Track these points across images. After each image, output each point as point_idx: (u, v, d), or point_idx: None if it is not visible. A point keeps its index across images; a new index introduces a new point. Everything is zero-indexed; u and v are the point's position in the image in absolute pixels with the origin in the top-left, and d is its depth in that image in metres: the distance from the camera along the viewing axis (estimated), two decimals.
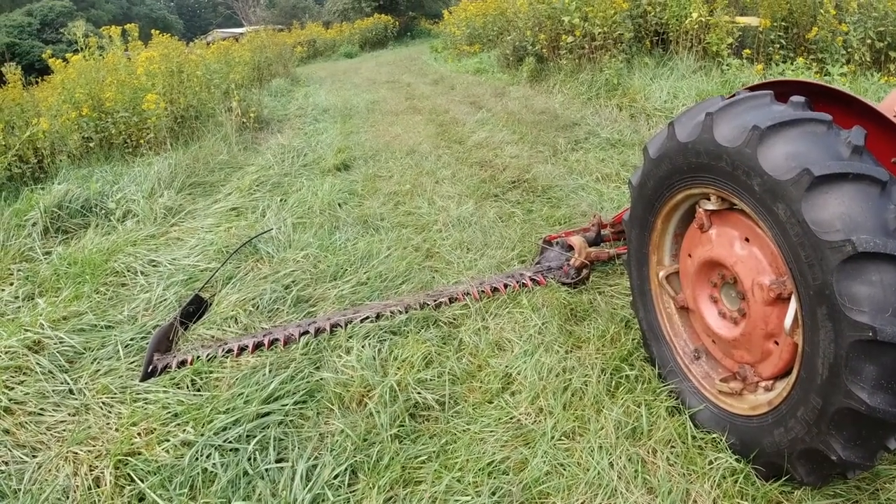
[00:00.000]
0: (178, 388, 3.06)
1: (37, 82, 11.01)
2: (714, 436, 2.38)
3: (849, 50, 7.71)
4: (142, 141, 7.52)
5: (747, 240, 2.17)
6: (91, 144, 7.45)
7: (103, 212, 5.63)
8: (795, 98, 2.03)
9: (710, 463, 2.29)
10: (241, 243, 4.60)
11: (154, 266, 4.52)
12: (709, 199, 2.28)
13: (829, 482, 2.11)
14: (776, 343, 2.13)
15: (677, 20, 8.81)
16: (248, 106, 9.50)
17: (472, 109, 9.62)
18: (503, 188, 5.69)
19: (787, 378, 2.06)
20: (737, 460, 2.26)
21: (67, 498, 2.50)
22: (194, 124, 8.35)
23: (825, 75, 7.38)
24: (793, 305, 1.97)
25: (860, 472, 2.00)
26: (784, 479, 2.13)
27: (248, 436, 2.65)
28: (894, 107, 2.51)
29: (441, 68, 16.31)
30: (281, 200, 5.88)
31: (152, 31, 10.74)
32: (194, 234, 5.15)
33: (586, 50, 9.58)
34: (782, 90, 2.22)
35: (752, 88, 2.38)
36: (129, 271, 4.45)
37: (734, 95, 2.24)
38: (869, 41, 7.67)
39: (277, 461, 2.53)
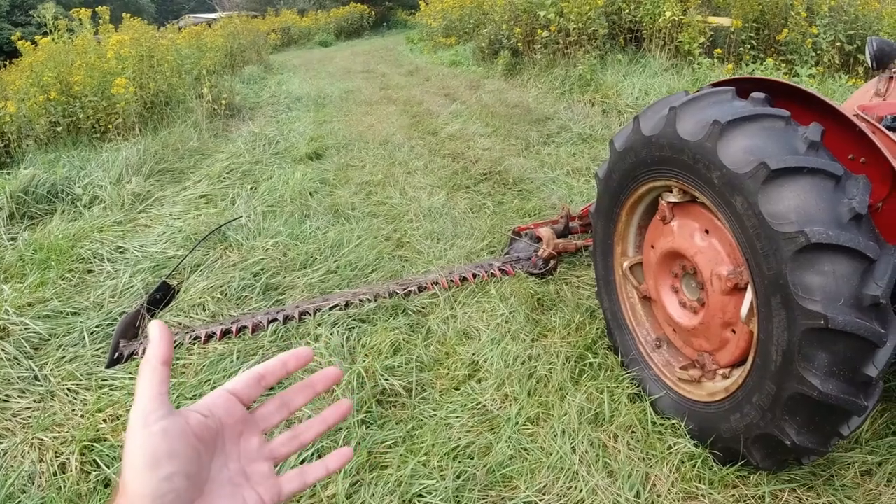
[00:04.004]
0: None
1: (5, 65, 10.76)
2: (673, 422, 2.44)
3: (818, 52, 7.87)
4: (110, 126, 7.40)
5: (707, 231, 2.23)
6: (58, 129, 7.31)
7: (70, 197, 5.55)
8: (756, 94, 2.08)
9: (670, 448, 2.35)
10: (210, 231, 4.57)
11: (121, 253, 4.47)
12: (671, 192, 2.34)
13: (785, 467, 2.17)
14: (733, 331, 2.19)
15: (651, 18, 8.91)
16: (220, 93, 9.38)
17: (447, 101, 9.62)
18: (475, 180, 5.72)
19: (744, 366, 2.13)
20: (695, 445, 2.33)
21: (33, 484, 2.48)
22: (164, 110, 8.23)
23: (794, 76, 7.52)
24: (749, 295, 2.03)
25: (815, 457, 2.06)
26: (741, 463, 2.19)
27: None
28: (855, 106, 2.58)
29: (417, 59, 16.27)
30: (251, 188, 5.85)
31: (123, 14, 10.56)
32: (162, 220, 5.10)
33: (561, 45, 9.63)
34: (746, 87, 2.27)
35: (717, 85, 2.43)
36: (95, 258, 4.39)
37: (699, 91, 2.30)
38: (838, 44, 7.83)
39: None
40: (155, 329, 0.65)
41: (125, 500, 0.58)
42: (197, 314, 3.61)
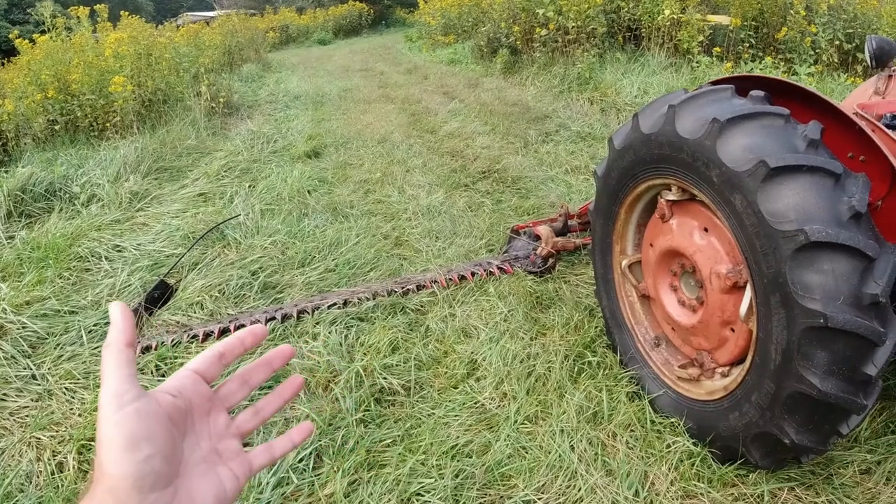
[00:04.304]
0: (143, 373, 3.04)
1: (3, 64, 10.74)
2: (672, 420, 2.44)
3: (817, 50, 7.87)
4: (108, 124, 7.38)
5: (706, 230, 2.22)
6: (56, 127, 7.30)
7: (67, 196, 5.54)
8: (755, 92, 2.08)
9: (668, 446, 2.35)
10: (208, 229, 4.56)
11: (119, 251, 4.47)
12: (670, 190, 2.33)
13: (784, 466, 2.17)
14: (732, 330, 2.19)
15: (650, 16, 8.90)
16: (218, 91, 9.37)
17: (445, 99, 9.62)
18: (473, 178, 5.72)
19: (742, 364, 2.12)
20: (694, 444, 2.32)
21: (31, 483, 2.48)
22: (162, 108, 8.21)
23: (793, 75, 7.51)
24: (748, 293, 2.03)
25: (814, 456, 2.06)
26: (739, 462, 2.19)
27: None
28: (854, 104, 2.58)
29: (415, 58, 16.25)
30: (249, 186, 5.84)
31: (121, 12, 10.54)
32: (160, 219, 5.09)
33: (560, 43, 9.62)
34: (745, 85, 2.27)
35: (716, 83, 2.43)
36: (93, 256, 4.39)
37: (698, 89, 2.29)
38: (837, 42, 7.83)
39: (242, 446, 2.53)
40: (116, 311, 0.64)
41: (104, 485, 0.57)
42: (195, 313, 3.60)
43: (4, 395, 3.02)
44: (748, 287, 2.02)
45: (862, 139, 2.08)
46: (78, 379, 3.08)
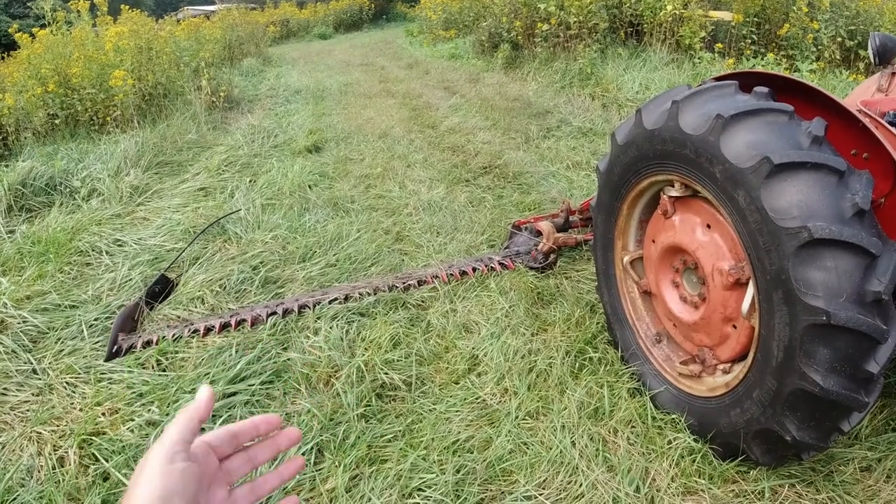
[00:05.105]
0: (144, 368, 3.04)
1: (3, 58, 10.72)
2: (673, 416, 2.44)
3: (819, 47, 7.85)
4: (108, 118, 7.37)
5: (709, 226, 2.22)
6: (56, 121, 7.27)
7: (68, 190, 5.53)
8: (759, 88, 2.07)
9: (669, 443, 2.35)
10: (209, 223, 4.55)
11: (119, 246, 4.46)
12: (673, 186, 2.33)
13: (785, 463, 2.17)
14: (734, 327, 2.19)
15: (652, 12, 8.87)
16: (219, 85, 9.35)
17: (446, 94, 9.60)
18: (474, 173, 5.71)
19: (744, 361, 2.12)
20: (695, 440, 2.32)
21: (31, 477, 2.47)
22: (162, 102, 8.19)
23: (795, 71, 7.50)
24: (750, 290, 2.02)
25: (815, 453, 2.06)
26: (740, 458, 2.19)
27: (213, 416, 2.64)
28: (857, 101, 2.57)
29: (416, 52, 16.21)
30: (250, 181, 5.83)
31: (122, 6, 10.49)
32: (161, 213, 5.08)
33: (561, 39, 9.60)
34: (748, 82, 2.26)
35: (719, 79, 2.42)
36: (93, 251, 4.38)
37: (701, 85, 2.29)
38: (839, 39, 7.81)
39: None
40: (204, 394, 0.77)
41: None
42: (196, 307, 3.60)
43: (5, 389, 3.02)
44: (750, 284, 2.02)
45: (865, 136, 2.08)
46: (79, 373, 3.08)
